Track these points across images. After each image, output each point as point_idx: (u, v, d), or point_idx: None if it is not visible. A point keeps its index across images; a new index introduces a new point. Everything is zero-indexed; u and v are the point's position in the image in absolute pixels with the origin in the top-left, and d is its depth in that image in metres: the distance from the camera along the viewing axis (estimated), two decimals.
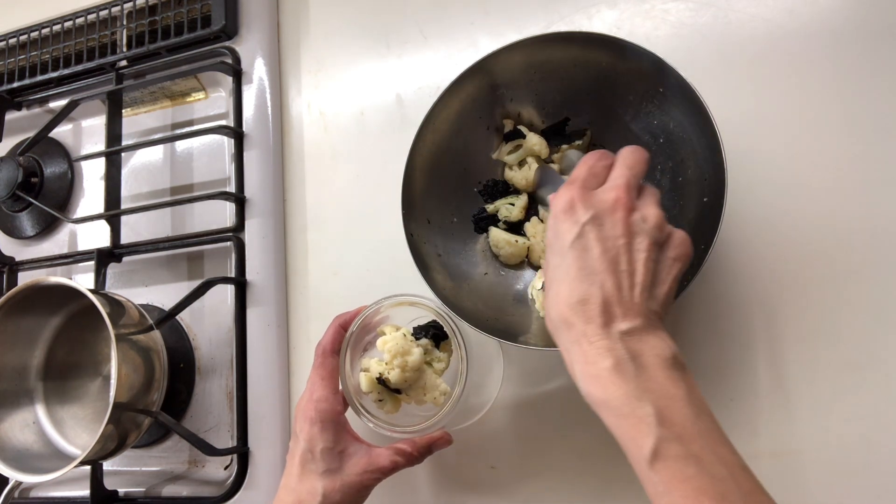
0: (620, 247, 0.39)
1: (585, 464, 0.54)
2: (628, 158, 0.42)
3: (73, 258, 0.74)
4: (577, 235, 0.39)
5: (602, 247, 0.39)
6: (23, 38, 0.81)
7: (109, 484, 0.65)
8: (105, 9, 0.77)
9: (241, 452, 0.62)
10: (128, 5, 0.76)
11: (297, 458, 0.49)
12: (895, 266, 0.50)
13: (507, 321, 0.53)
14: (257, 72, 0.70)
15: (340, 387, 0.53)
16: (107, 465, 0.67)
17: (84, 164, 0.79)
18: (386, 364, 0.50)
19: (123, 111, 0.75)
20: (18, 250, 0.80)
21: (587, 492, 0.54)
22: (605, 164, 0.42)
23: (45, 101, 0.81)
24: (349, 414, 0.53)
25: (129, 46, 0.75)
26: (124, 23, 0.76)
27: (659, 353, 0.37)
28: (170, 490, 0.65)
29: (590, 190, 0.41)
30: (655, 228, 0.40)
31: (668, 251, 0.40)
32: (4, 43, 0.82)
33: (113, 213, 0.70)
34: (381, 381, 0.51)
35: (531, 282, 0.56)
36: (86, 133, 0.81)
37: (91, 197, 0.78)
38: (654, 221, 0.40)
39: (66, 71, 0.77)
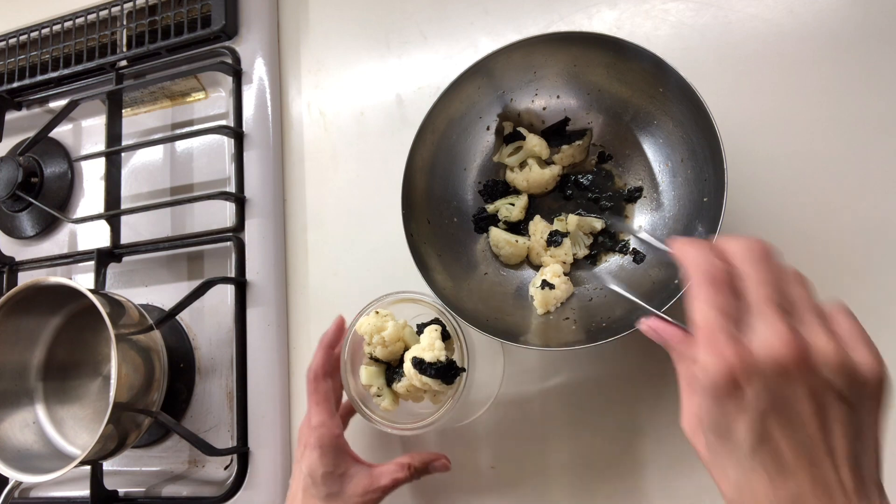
0: (815, 434, 0.30)
1: (586, 463, 0.54)
2: (758, 264, 0.33)
3: (73, 258, 0.74)
4: (758, 437, 0.30)
5: (796, 445, 0.30)
6: (23, 38, 0.81)
7: (109, 484, 0.65)
8: (105, 9, 0.77)
9: (241, 452, 0.62)
10: (128, 5, 0.76)
11: (299, 484, 0.50)
12: (895, 266, 0.50)
13: (508, 321, 0.53)
14: (257, 72, 0.70)
15: (343, 389, 0.53)
16: (107, 465, 0.68)
17: (84, 164, 0.79)
18: (368, 345, 0.52)
19: (123, 111, 0.75)
20: (18, 250, 0.80)
21: (588, 491, 0.54)
22: (727, 283, 0.32)
23: (45, 101, 0.81)
24: (355, 428, 0.53)
25: (129, 46, 0.75)
26: (124, 23, 0.76)
27: None
28: (170, 490, 0.65)
29: (735, 338, 0.30)
30: (840, 374, 0.30)
31: (867, 394, 0.31)
32: (4, 43, 0.82)
33: (113, 213, 0.70)
34: (375, 359, 0.52)
35: (531, 281, 0.56)
36: (86, 133, 0.81)
37: (91, 197, 0.78)
38: (836, 362, 0.30)
39: (66, 71, 0.77)
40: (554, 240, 0.55)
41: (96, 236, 0.75)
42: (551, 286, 0.53)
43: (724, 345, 0.30)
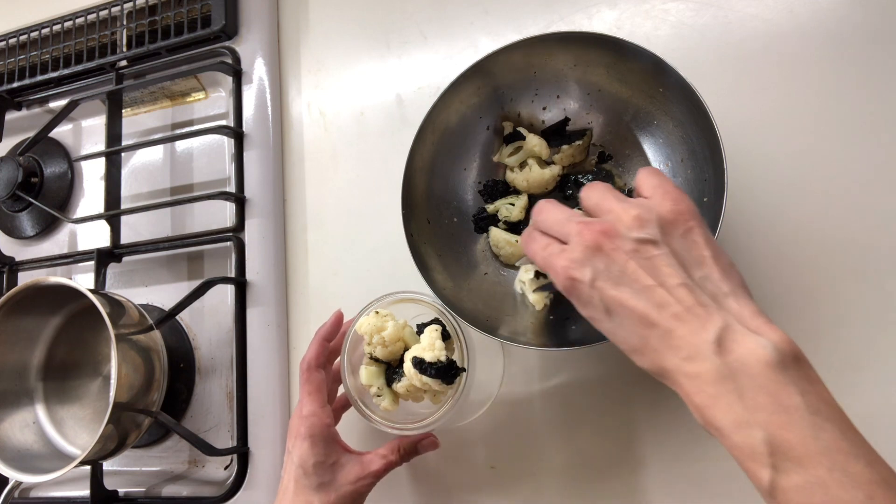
0: (646, 280, 0.35)
1: (586, 463, 0.54)
2: (543, 211, 0.41)
3: (73, 258, 0.74)
4: (605, 303, 0.36)
5: (636, 296, 0.35)
6: (23, 38, 0.81)
7: (109, 484, 0.65)
8: (105, 9, 0.77)
9: (241, 452, 0.62)
10: (128, 5, 0.76)
11: (290, 475, 0.50)
12: (895, 266, 0.50)
13: (508, 321, 0.53)
14: (257, 72, 0.70)
15: (341, 388, 0.53)
16: (107, 465, 0.68)
17: (84, 164, 0.79)
18: (368, 345, 0.52)
19: (123, 111, 0.75)
20: (18, 250, 0.80)
21: (588, 491, 0.54)
22: (540, 237, 0.41)
23: (45, 101, 0.81)
24: (347, 420, 0.53)
25: (129, 46, 0.75)
26: (124, 23, 0.76)
27: (758, 353, 0.32)
28: (170, 490, 0.65)
29: (559, 253, 0.38)
30: (640, 226, 0.36)
31: (675, 229, 0.37)
32: (4, 43, 0.82)
33: (113, 213, 0.70)
34: (375, 359, 0.52)
35: (518, 276, 0.56)
36: (86, 133, 0.81)
37: (91, 197, 0.78)
38: (632, 220, 0.37)
39: (66, 71, 0.77)
40: None
41: (96, 236, 0.75)
42: (545, 275, 0.52)
43: (555, 262, 0.38)
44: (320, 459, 0.48)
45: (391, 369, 0.53)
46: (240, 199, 0.67)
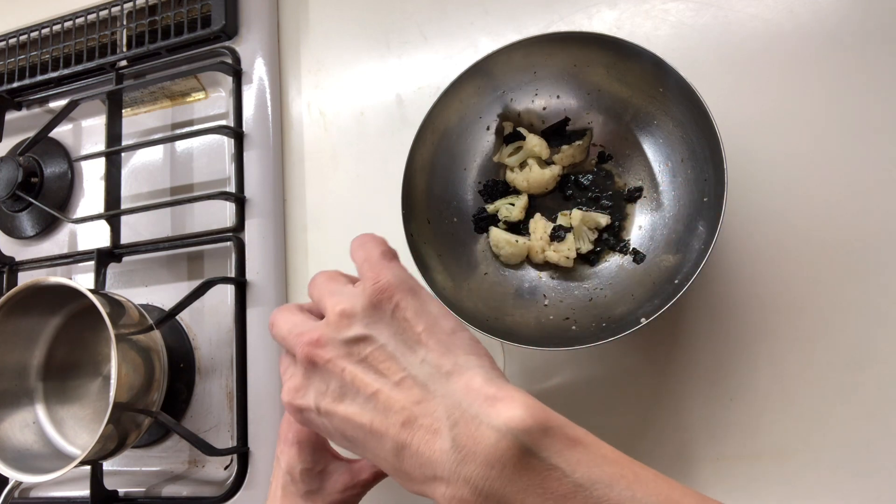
0: (353, 381, 0.32)
1: None
2: (274, 317, 0.38)
3: (73, 258, 0.74)
4: (341, 434, 0.33)
5: (354, 404, 0.32)
6: (23, 38, 0.81)
7: (109, 484, 0.65)
8: (105, 9, 0.77)
9: (241, 452, 0.62)
10: (128, 5, 0.76)
11: (278, 482, 0.48)
12: (895, 266, 0.50)
13: (508, 321, 0.53)
14: (257, 72, 0.70)
15: None
16: (107, 465, 0.68)
17: (84, 164, 0.79)
18: None
19: (123, 111, 0.74)
20: (18, 250, 0.80)
21: None
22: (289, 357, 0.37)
23: (45, 101, 0.81)
24: None
25: (129, 46, 0.75)
26: (124, 23, 0.76)
27: (501, 447, 0.28)
28: (170, 490, 0.65)
29: (290, 374, 0.36)
30: (344, 324, 0.33)
31: (382, 312, 0.33)
32: (4, 43, 0.82)
33: (113, 213, 0.70)
34: None
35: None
36: (86, 133, 0.81)
37: (91, 197, 0.78)
38: (336, 319, 0.33)
39: (66, 71, 0.77)
40: (557, 234, 0.55)
41: (96, 236, 0.75)
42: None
43: (283, 394, 0.36)
44: (308, 466, 0.47)
45: None
46: (240, 199, 0.67)
